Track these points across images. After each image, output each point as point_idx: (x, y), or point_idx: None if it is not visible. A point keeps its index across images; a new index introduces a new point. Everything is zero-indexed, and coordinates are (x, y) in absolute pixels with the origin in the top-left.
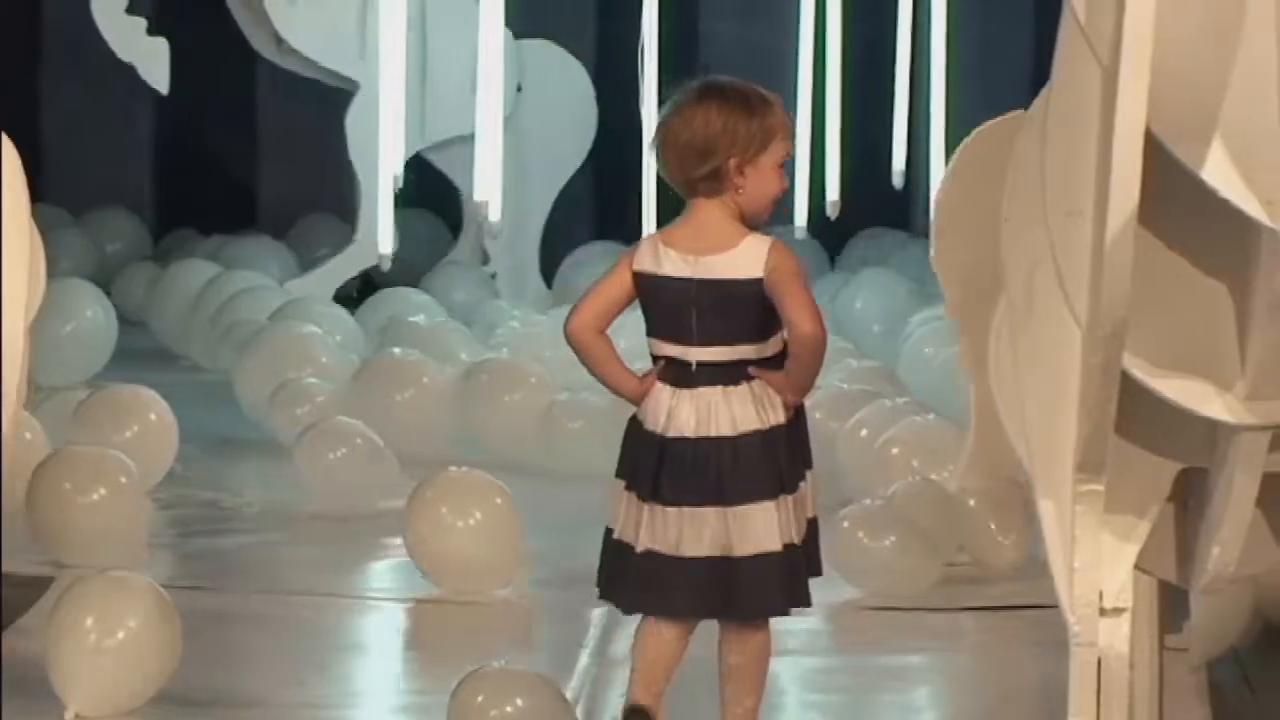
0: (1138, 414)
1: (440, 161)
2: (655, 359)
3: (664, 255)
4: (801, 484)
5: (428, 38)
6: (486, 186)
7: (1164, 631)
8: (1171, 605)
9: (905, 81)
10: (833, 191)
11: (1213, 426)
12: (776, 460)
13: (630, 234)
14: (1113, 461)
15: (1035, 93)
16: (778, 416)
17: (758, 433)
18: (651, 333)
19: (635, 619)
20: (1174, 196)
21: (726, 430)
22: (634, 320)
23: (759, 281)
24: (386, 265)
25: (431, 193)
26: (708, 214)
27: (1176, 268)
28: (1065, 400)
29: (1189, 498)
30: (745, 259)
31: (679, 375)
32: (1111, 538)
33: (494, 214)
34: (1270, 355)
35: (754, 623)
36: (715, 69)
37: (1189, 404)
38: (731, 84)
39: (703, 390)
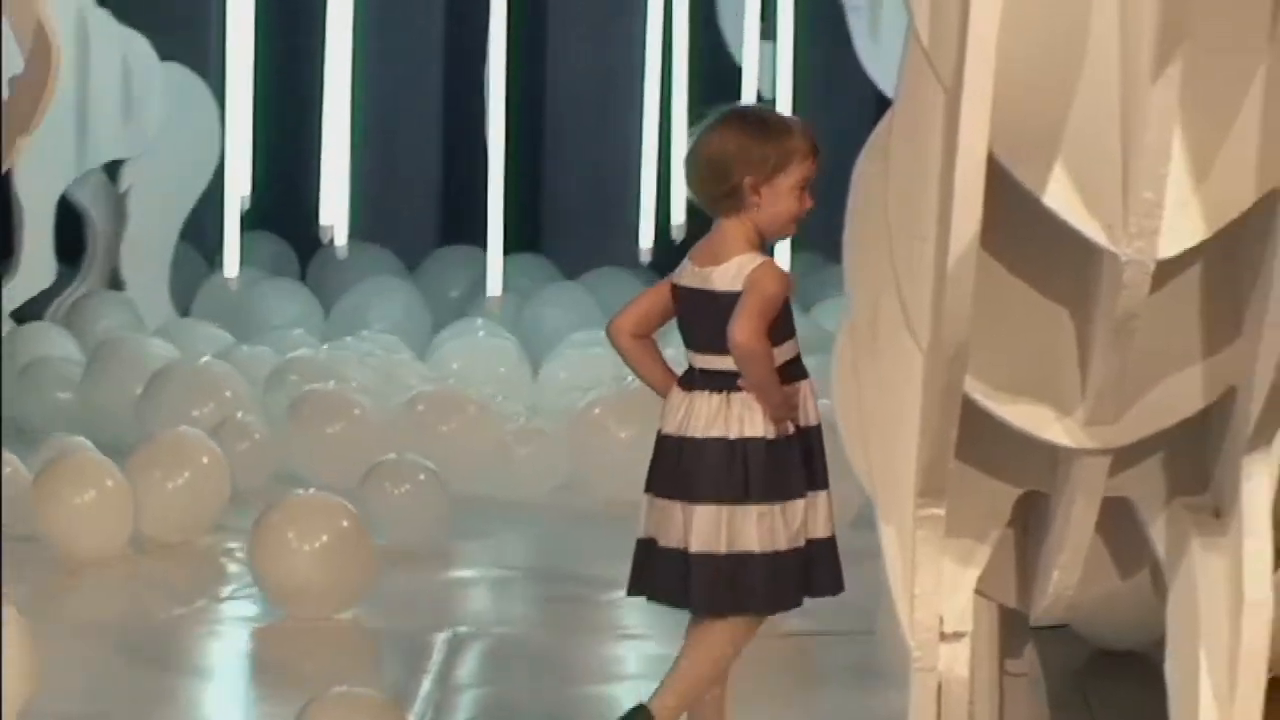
0: (979, 439)
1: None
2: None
3: (686, 267)
4: (798, 500)
5: (89, 62)
6: (333, 210)
7: (1004, 656)
8: (1011, 630)
9: (752, 102)
10: (678, 215)
11: (1053, 451)
12: (744, 469)
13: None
14: (953, 486)
15: (880, 114)
16: (755, 429)
17: (723, 440)
18: (683, 340)
19: (477, 647)
20: (1016, 221)
21: (698, 433)
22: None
23: (738, 295)
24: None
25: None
26: (725, 231)
27: (1018, 292)
28: (907, 425)
29: (1029, 522)
30: (734, 273)
31: (686, 379)
32: (952, 563)
33: (340, 238)
34: (1110, 380)
35: (707, 622)
36: (563, 92)
37: (1030, 428)
38: (754, 109)
39: (697, 394)
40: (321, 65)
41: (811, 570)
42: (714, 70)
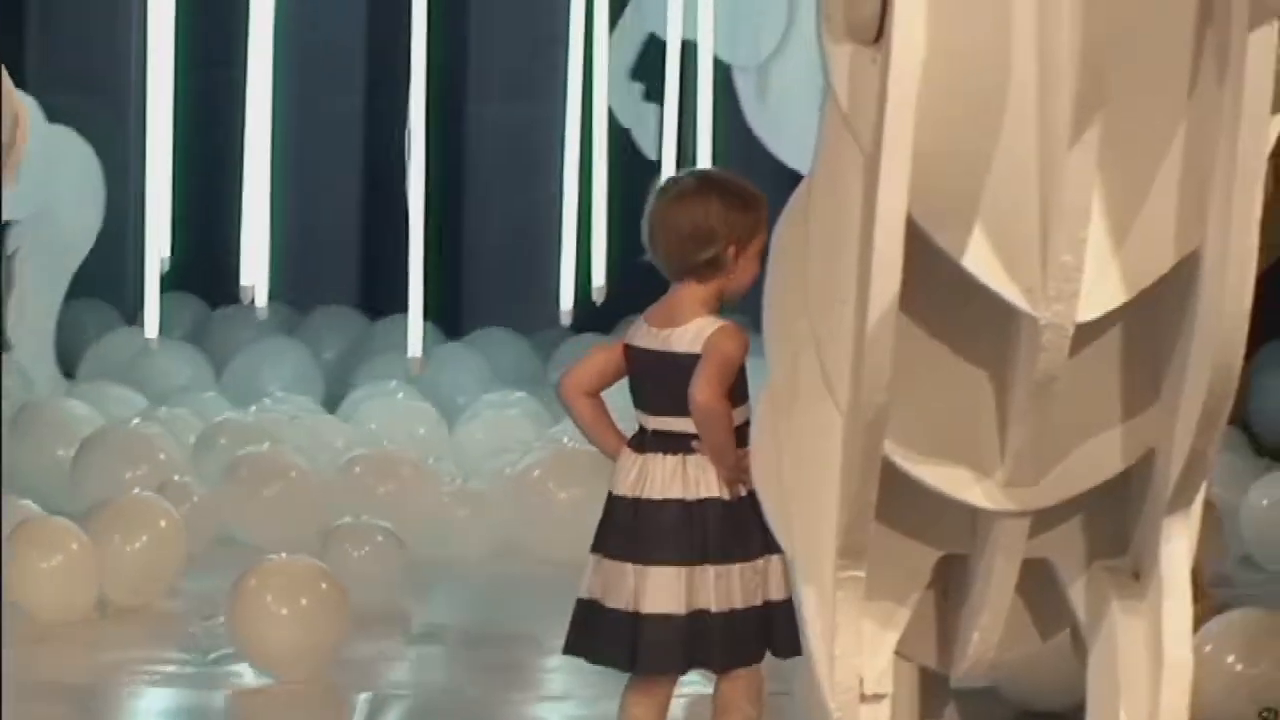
0: (899, 501)
1: None
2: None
3: (640, 328)
4: (757, 560)
5: None
6: (253, 270)
7: (925, 718)
8: (932, 691)
9: (672, 162)
10: (599, 276)
11: (973, 513)
12: (702, 530)
13: (399, 308)
14: (874, 548)
15: (798, 178)
16: (712, 490)
17: (680, 501)
18: (633, 401)
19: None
20: (936, 284)
21: (655, 494)
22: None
23: (698, 358)
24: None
25: None
26: (684, 294)
27: (938, 355)
28: (827, 486)
29: (949, 584)
30: (692, 335)
31: (639, 441)
32: (872, 624)
33: (260, 299)
34: (1029, 442)
35: (732, 674)
36: (482, 149)
37: (949, 490)
38: (726, 177)
39: (650, 456)
40: (242, 126)
41: (772, 631)
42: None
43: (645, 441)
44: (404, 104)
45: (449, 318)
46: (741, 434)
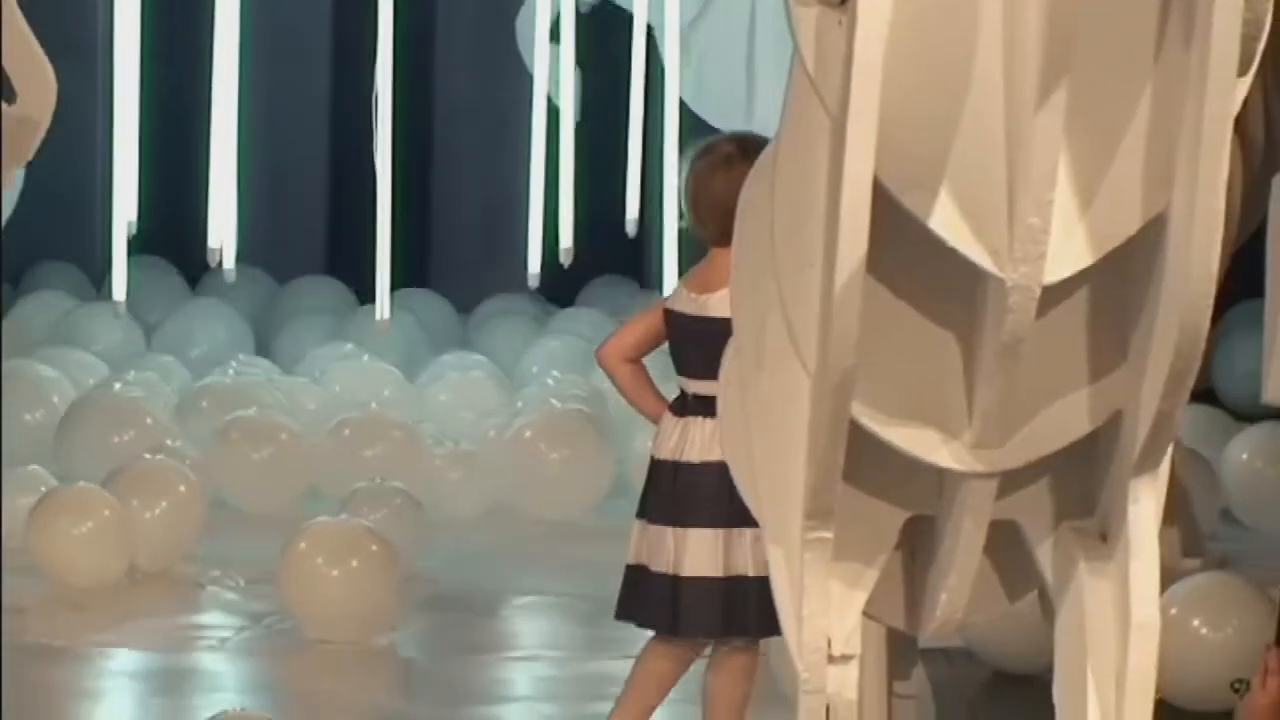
0: (866, 462)
1: None
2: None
3: (680, 293)
4: None
5: None
6: (220, 232)
7: (893, 678)
8: (900, 652)
9: (639, 132)
10: (566, 239)
11: (940, 474)
12: (733, 493)
13: (362, 279)
14: (841, 509)
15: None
16: None
17: (720, 465)
18: (674, 366)
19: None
20: (903, 246)
21: (694, 457)
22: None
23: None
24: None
25: None
26: (722, 259)
27: (905, 317)
28: (794, 448)
29: (917, 546)
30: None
31: (680, 404)
32: (840, 585)
33: (228, 261)
34: (997, 404)
35: (737, 646)
36: (451, 119)
37: (917, 452)
38: (751, 143)
39: (691, 420)
40: (209, 94)
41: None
42: (598, 104)
43: (686, 405)
44: (371, 73)
45: (417, 281)
46: None
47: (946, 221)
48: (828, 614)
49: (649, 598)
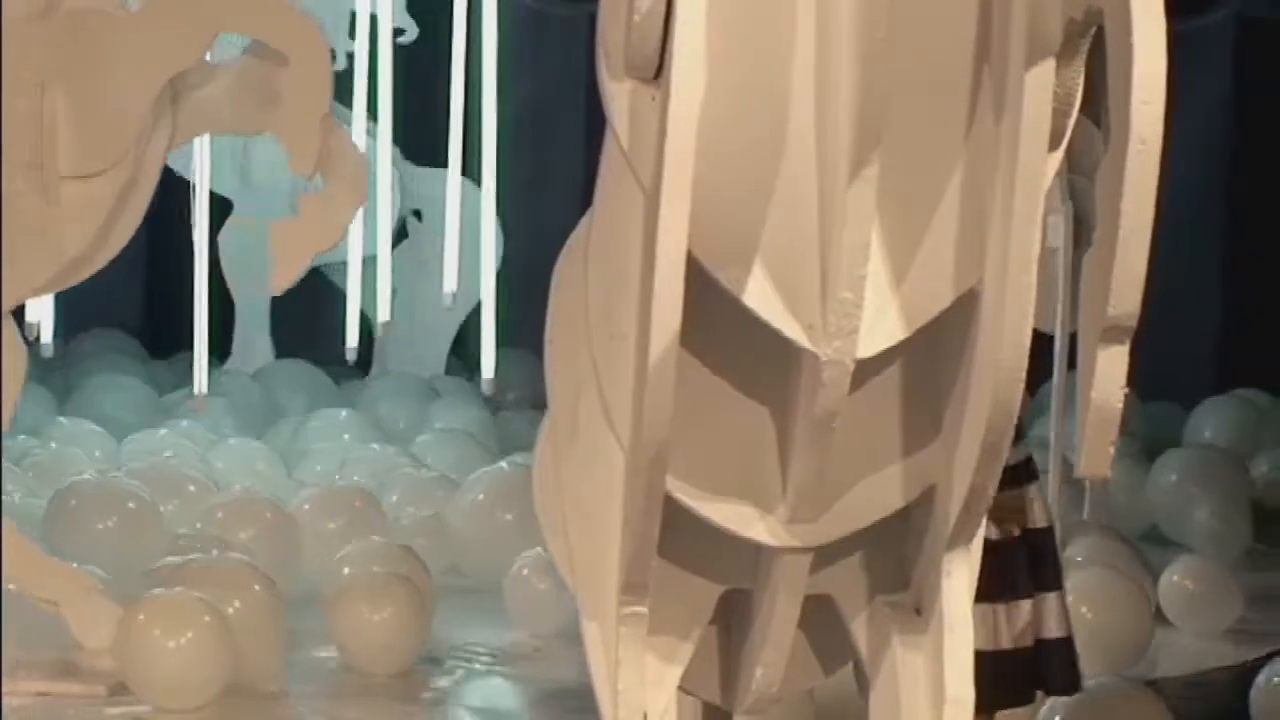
0: (681, 536)
1: None
2: None
3: None
4: (1024, 600)
5: None
6: (39, 308)
7: None
8: None
9: (457, 205)
10: (384, 313)
11: (756, 548)
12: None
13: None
14: (656, 583)
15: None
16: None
17: None
18: None
19: None
20: (717, 320)
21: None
22: None
23: None
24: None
25: None
26: None
27: (720, 391)
28: (609, 522)
29: (732, 620)
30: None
31: None
32: (655, 659)
33: (45, 335)
34: (811, 478)
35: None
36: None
37: (732, 526)
38: None
39: None
40: None
41: (1043, 669)
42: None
43: None
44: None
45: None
46: (1013, 475)
47: (760, 296)
48: (643, 688)
49: None
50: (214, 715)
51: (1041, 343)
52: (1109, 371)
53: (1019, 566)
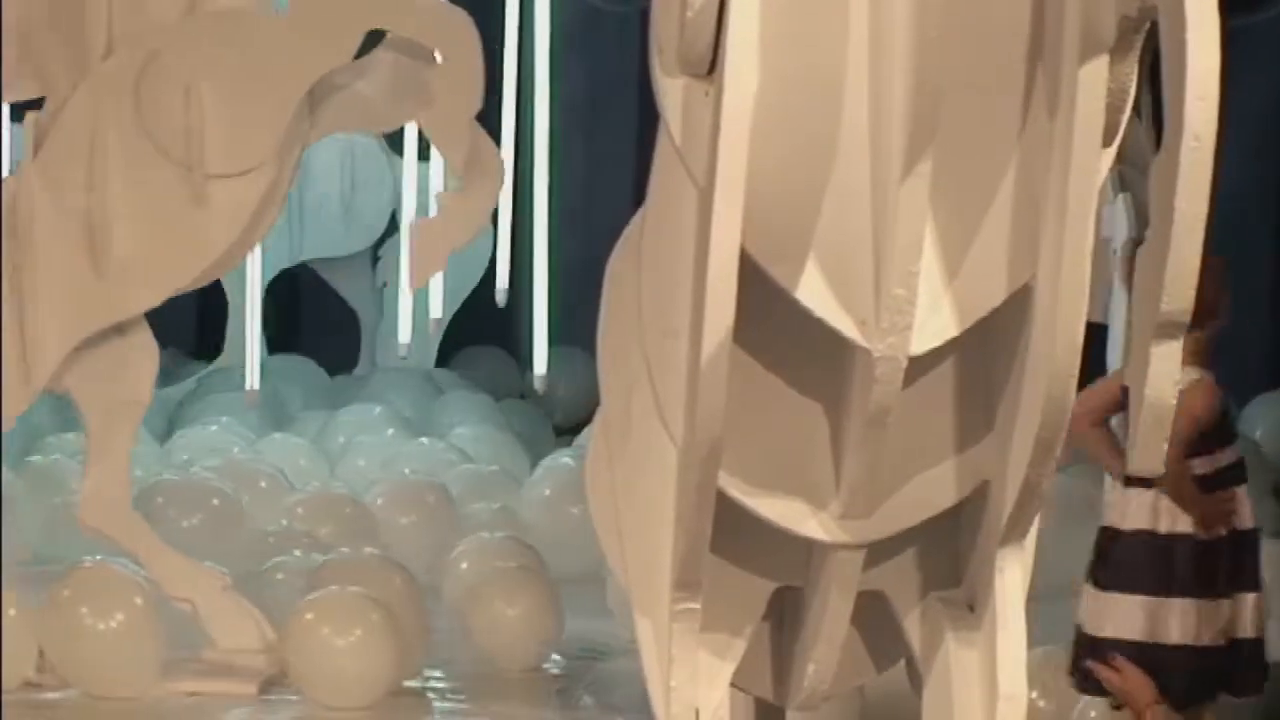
0: (734, 533)
1: None
2: None
3: None
4: (1223, 599)
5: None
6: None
7: None
8: None
9: (509, 201)
10: (436, 310)
11: (808, 545)
12: (1168, 563)
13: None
14: (709, 580)
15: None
16: (1185, 525)
17: (1151, 533)
18: None
19: None
20: (770, 317)
21: (1126, 525)
22: None
23: None
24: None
25: None
26: None
27: (773, 388)
28: (662, 519)
29: (784, 616)
30: None
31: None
32: (708, 655)
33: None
34: (863, 474)
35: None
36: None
37: (785, 523)
38: None
39: (1131, 489)
40: None
41: (1233, 668)
42: None
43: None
44: None
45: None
46: (1221, 477)
47: (813, 292)
48: (695, 684)
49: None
50: (373, 715)
51: (1090, 332)
52: (1162, 368)
53: (1220, 566)
